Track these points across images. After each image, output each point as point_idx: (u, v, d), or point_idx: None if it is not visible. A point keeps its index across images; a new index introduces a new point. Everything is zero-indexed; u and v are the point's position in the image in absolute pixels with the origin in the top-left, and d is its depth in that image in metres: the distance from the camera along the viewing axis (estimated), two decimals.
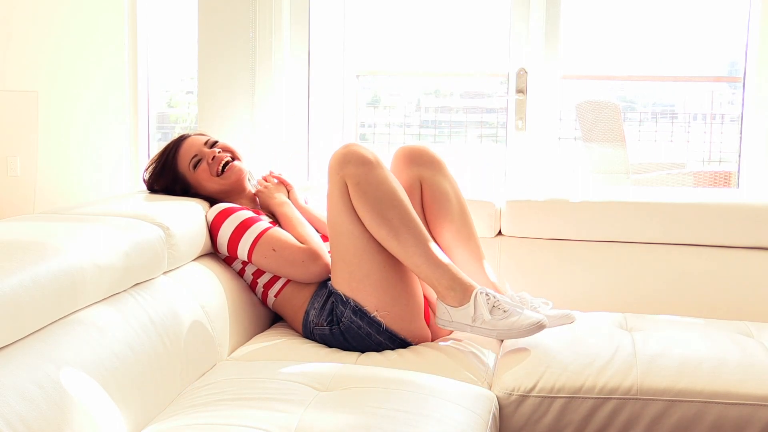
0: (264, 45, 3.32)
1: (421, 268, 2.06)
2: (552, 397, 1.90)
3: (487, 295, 2.02)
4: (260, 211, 2.41)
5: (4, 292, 1.39)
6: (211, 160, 2.39)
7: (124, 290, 1.83)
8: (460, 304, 2.03)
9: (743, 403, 1.84)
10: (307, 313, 2.20)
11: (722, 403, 1.84)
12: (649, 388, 1.87)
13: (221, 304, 2.16)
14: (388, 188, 2.09)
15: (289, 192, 2.51)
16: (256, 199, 2.49)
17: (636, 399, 1.87)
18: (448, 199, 2.31)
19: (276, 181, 2.53)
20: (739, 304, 2.51)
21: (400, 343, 2.14)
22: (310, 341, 2.20)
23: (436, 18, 3.81)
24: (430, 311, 2.27)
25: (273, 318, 2.43)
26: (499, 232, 2.69)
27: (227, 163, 2.40)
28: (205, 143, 2.43)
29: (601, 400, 1.88)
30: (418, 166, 2.32)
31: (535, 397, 1.90)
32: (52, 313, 1.54)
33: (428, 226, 2.33)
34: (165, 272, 2.03)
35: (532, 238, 2.66)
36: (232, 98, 3.35)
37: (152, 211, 2.06)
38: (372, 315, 2.10)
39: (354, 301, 2.11)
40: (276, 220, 2.40)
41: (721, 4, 3.68)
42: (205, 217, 2.29)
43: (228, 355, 2.13)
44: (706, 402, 1.85)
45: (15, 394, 1.35)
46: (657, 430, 1.86)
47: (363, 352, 2.13)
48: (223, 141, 2.48)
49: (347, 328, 2.12)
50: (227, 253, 2.28)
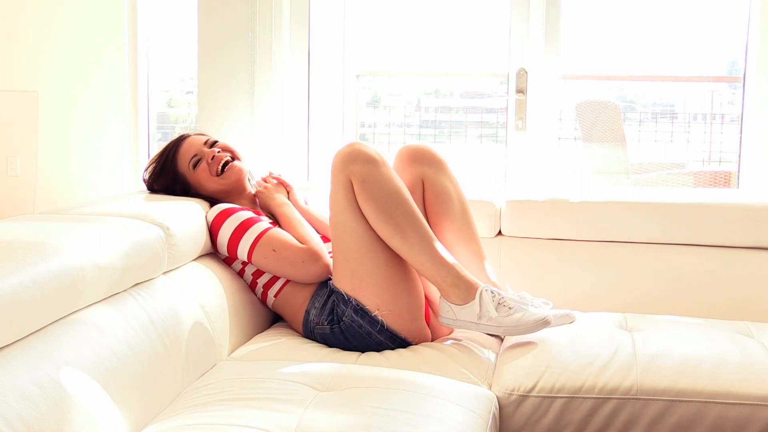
0: (264, 45, 3.32)
1: (426, 266, 2.07)
2: (552, 397, 1.90)
3: (491, 292, 2.04)
4: (260, 212, 2.41)
5: (4, 292, 1.39)
6: (210, 160, 2.39)
7: (124, 290, 1.83)
8: (465, 302, 2.05)
9: (743, 403, 1.84)
10: (308, 313, 2.21)
11: (722, 403, 1.84)
12: (649, 388, 1.87)
13: (221, 304, 2.16)
14: (393, 186, 2.10)
15: (288, 193, 2.51)
16: (256, 200, 2.49)
17: (636, 399, 1.87)
18: (450, 199, 2.31)
19: (276, 181, 2.53)
20: (739, 304, 2.51)
21: (401, 343, 2.14)
22: (310, 341, 2.20)
23: (436, 18, 3.81)
24: (431, 311, 2.27)
25: (273, 318, 2.43)
26: (499, 232, 2.70)
27: (227, 162, 2.41)
28: (205, 143, 2.43)
29: (601, 400, 1.88)
30: (421, 165, 2.32)
31: (535, 397, 1.90)
32: (52, 313, 1.54)
33: (430, 225, 2.33)
34: (165, 272, 2.03)
35: (532, 238, 2.66)
36: (232, 98, 3.35)
37: (152, 211, 2.06)
38: (373, 314, 2.10)
39: (355, 300, 2.11)
40: (276, 221, 2.40)
41: (721, 4, 3.68)
42: (205, 217, 2.29)
43: (228, 355, 2.13)
44: (706, 402, 1.85)
45: (15, 394, 1.35)
46: (657, 430, 1.86)
47: (363, 351, 2.13)
48: (223, 141, 2.48)
49: (348, 327, 2.12)
50: (227, 254, 2.28)
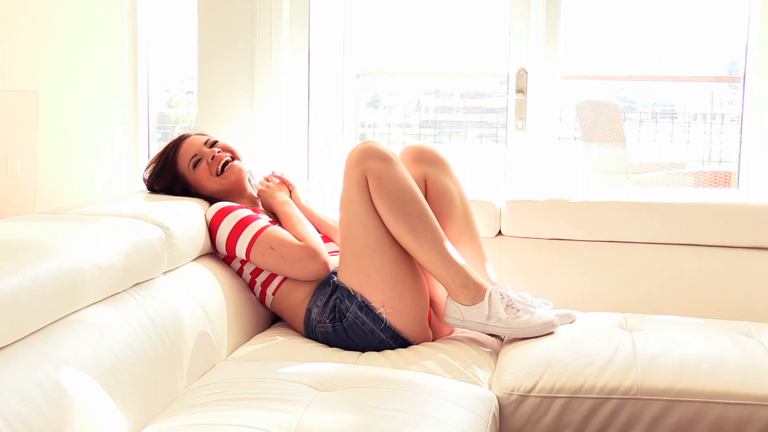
0: (264, 45, 3.32)
1: (436, 265, 2.09)
2: (552, 397, 1.90)
3: (500, 294, 2.08)
4: (260, 210, 2.41)
5: (4, 292, 1.39)
6: (210, 160, 2.39)
7: (124, 290, 1.83)
8: (473, 303, 2.07)
9: (743, 403, 1.84)
10: (309, 311, 2.21)
11: (722, 403, 1.84)
12: (649, 388, 1.87)
13: (221, 304, 2.16)
14: (407, 185, 2.13)
15: (290, 192, 2.51)
16: (257, 199, 2.50)
17: (636, 399, 1.87)
18: (452, 198, 2.32)
19: (278, 181, 2.53)
20: (739, 304, 2.51)
21: (402, 343, 2.15)
22: (310, 341, 2.20)
23: (436, 18, 3.81)
24: (432, 312, 2.27)
25: (273, 318, 2.43)
26: (499, 232, 2.70)
27: (227, 162, 2.41)
28: (205, 143, 2.43)
29: (601, 400, 1.88)
30: (424, 165, 2.33)
31: (535, 397, 1.90)
32: (52, 313, 1.54)
33: None
34: (165, 272, 2.03)
35: (532, 238, 2.66)
36: (232, 98, 3.35)
37: (152, 211, 2.06)
38: (378, 311, 2.11)
39: (361, 296, 2.12)
40: (277, 220, 2.40)
41: (721, 4, 3.68)
42: (204, 215, 2.29)
43: (228, 355, 2.13)
44: (706, 402, 1.85)
45: (15, 394, 1.35)
46: (657, 430, 1.86)
47: (364, 350, 2.14)
48: (223, 141, 2.49)
49: (351, 324, 2.12)
50: (226, 252, 2.28)
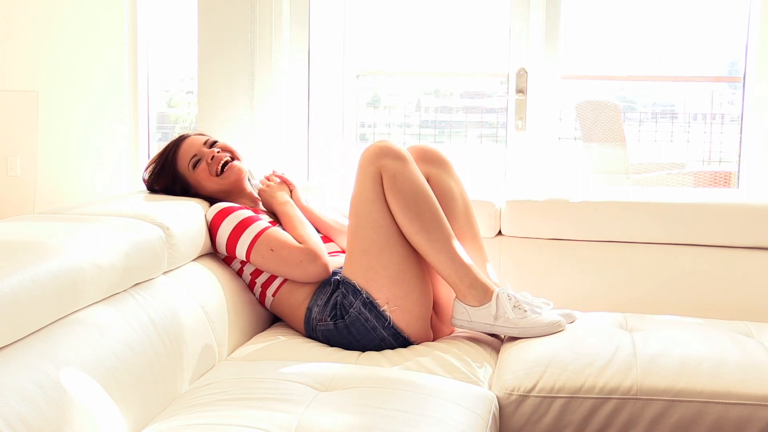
0: (264, 45, 3.32)
1: (446, 265, 2.11)
2: (552, 397, 1.90)
3: (507, 295, 2.10)
4: (260, 211, 2.41)
5: (4, 292, 1.39)
6: (210, 160, 2.39)
7: (124, 290, 1.83)
8: (481, 304, 2.10)
9: (743, 403, 1.84)
10: (310, 310, 2.21)
11: (722, 403, 1.84)
12: (649, 388, 1.87)
13: (221, 304, 2.16)
14: (421, 185, 2.15)
15: (291, 192, 2.51)
16: (257, 199, 2.50)
17: (636, 399, 1.87)
18: (454, 198, 2.33)
19: (279, 180, 2.53)
20: (739, 304, 2.51)
21: (403, 342, 2.15)
22: (310, 341, 2.20)
23: (436, 18, 3.81)
24: (433, 313, 2.28)
25: (273, 318, 2.43)
26: (499, 232, 2.70)
27: (226, 163, 2.41)
28: (205, 143, 2.43)
29: (601, 400, 1.88)
30: (427, 164, 2.33)
31: (535, 397, 1.90)
32: (52, 313, 1.54)
33: None
34: (165, 272, 2.03)
35: (532, 238, 2.66)
36: (232, 98, 3.35)
37: (152, 211, 2.06)
38: (381, 309, 2.12)
39: (366, 292, 2.13)
40: (277, 220, 2.40)
41: (721, 4, 3.68)
42: (205, 216, 2.29)
43: (228, 355, 2.13)
44: (706, 402, 1.85)
45: (15, 394, 1.35)
46: (657, 430, 1.86)
47: (365, 348, 2.14)
48: (223, 141, 2.49)
49: (354, 321, 2.13)
50: (226, 253, 2.28)
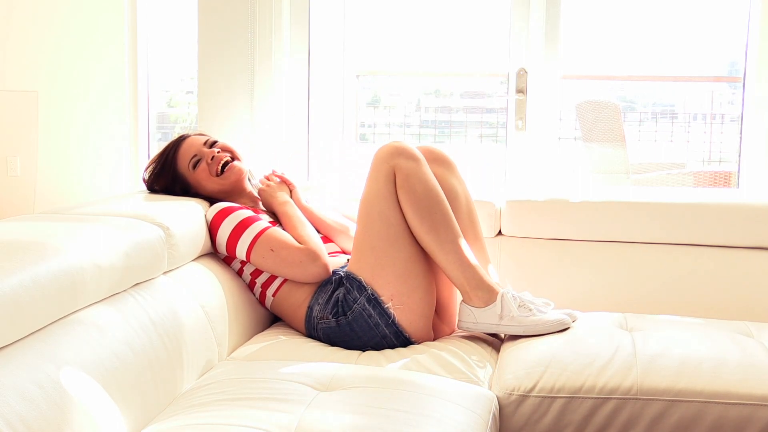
0: (264, 45, 3.32)
1: (454, 266, 2.13)
2: (552, 397, 1.90)
3: (512, 295, 2.13)
4: (260, 211, 2.41)
5: (4, 292, 1.39)
6: (210, 160, 2.39)
7: (124, 290, 1.83)
8: (486, 305, 2.12)
9: (743, 403, 1.84)
10: (311, 309, 2.21)
11: (722, 403, 1.84)
12: (649, 388, 1.87)
13: (221, 304, 2.16)
14: (433, 186, 2.18)
15: (291, 191, 2.51)
16: (257, 199, 2.49)
17: (636, 399, 1.87)
18: (457, 198, 2.34)
19: (278, 180, 2.53)
20: (739, 304, 2.51)
21: (404, 341, 2.15)
22: (311, 340, 2.20)
23: (436, 18, 3.81)
24: (434, 314, 2.28)
25: (273, 317, 2.43)
26: (499, 232, 2.70)
27: (227, 163, 2.41)
28: (205, 143, 2.43)
29: (601, 400, 1.88)
30: (432, 164, 2.34)
31: (535, 397, 1.90)
32: (52, 313, 1.54)
33: None
34: (165, 272, 2.03)
35: (532, 238, 2.66)
36: (232, 98, 3.35)
37: (152, 211, 2.06)
38: (386, 306, 2.13)
39: (372, 288, 2.14)
40: (277, 220, 2.40)
41: (721, 4, 3.68)
42: (205, 216, 2.29)
43: (228, 355, 2.13)
44: (706, 402, 1.85)
45: (15, 394, 1.35)
46: (657, 430, 1.86)
47: (365, 346, 2.15)
48: (223, 141, 2.49)
49: (357, 317, 2.13)
50: (226, 253, 2.28)
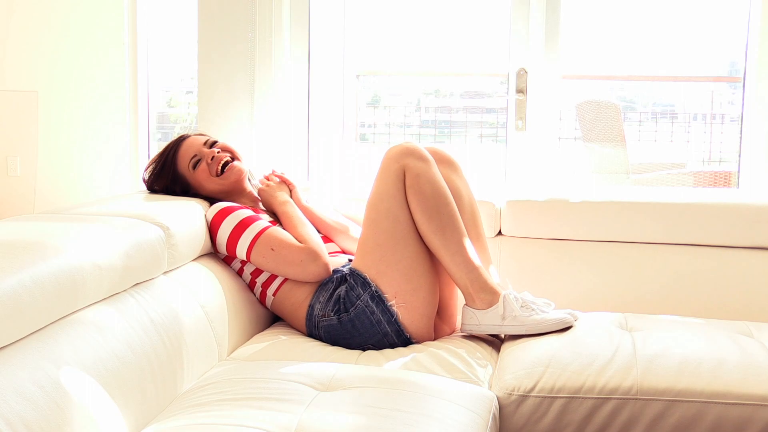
0: (264, 45, 3.32)
1: (459, 267, 2.15)
2: (552, 397, 1.90)
3: (514, 296, 2.14)
4: (260, 211, 2.41)
5: (4, 292, 1.39)
6: (210, 160, 2.39)
7: (124, 290, 1.83)
8: (489, 307, 2.14)
9: (743, 403, 1.84)
10: (312, 308, 2.21)
11: (722, 403, 1.84)
12: (649, 388, 1.87)
13: (221, 304, 2.16)
14: (441, 187, 2.20)
15: (291, 191, 2.51)
16: (257, 199, 2.50)
17: (636, 399, 1.87)
18: (461, 199, 2.35)
19: (278, 180, 2.53)
20: (739, 304, 2.51)
21: (404, 341, 2.16)
22: (311, 340, 2.20)
23: (436, 18, 3.81)
24: (436, 316, 2.29)
25: (273, 317, 2.43)
26: (499, 232, 2.70)
27: (227, 163, 2.41)
28: (205, 143, 2.43)
29: (601, 400, 1.88)
30: (438, 165, 2.34)
31: (535, 397, 1.90)
32: (52, 313, 1.54)
33: None
34: (165, 272, 2.03)
35: (532, 238, 2.66)
36: (232, 98, 3.35)
37: (152, 211, 2.06)
38: (389, 304, 2.14)
39: (376, 285, 2.15)
40: (277, 220, 2.40)
41: (721, 4, 3.68)
42: (205, 216, 2.29)
43: (228, 355, 2.13)
44: (706, 402, 1.85)
45: (15, 394, 1.35)
46: (657, 430, 1.86)
47: (366, 344, 2.15)
48: (223, 141, 2.49)
49: (359, 313, 2.14)
50: (226, 252, 2.28)
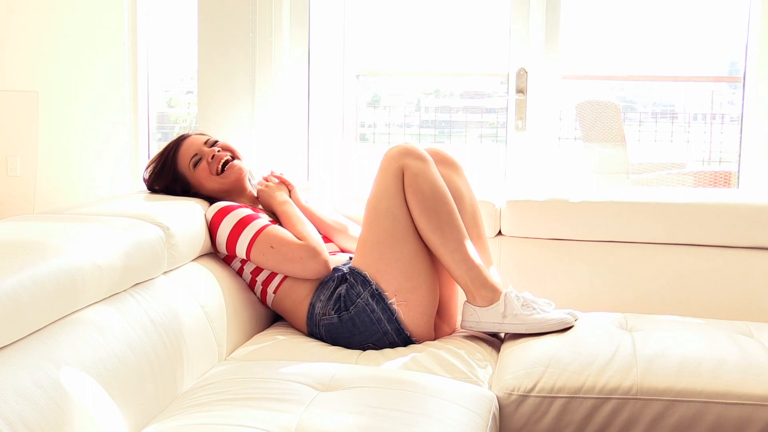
0: (264, 45, 3.32)
1: (459, 265, 2.15)
2: (552, 397, 1.90)
3: (515, 295, 2.15)
4: (260, 210, 2.41)
5: (4, 292, 1.39)
6: (210, 159, 2.40)
7: (124, 290, 1.83)
8: (490, 304, 2.14)
9: (743, 403, 1.84)
10: (312, 306, 2.21)
11: (722, 403, 1.84)
12: (649, 388, 1.87)
13: (221, 304, 2.16)
14: (440, 186, 2.20)
15: (290, 192, 2.51)
16: (257, 199, 2.50)
17: (636, 399, 1.87)
18: (462, 199, 2.35)
19: (277, 180, 2.53)
20: (739, 304, 2.51)
21: (405, 340, 2.16)
22: (311, 340, 2.20)
23: (436, 18, 3.81)
24: (436, 316, 2.29)
25: (273, 317, 2.43)
26: (499, 232, 2.70)
27: (227, 162, 2.41)
28: (205, 143, 2.44)
29: (601, 400, 1.88)
30: (438, 165, 2.35)
31: (535, 397, 1.90)
32: (52, 313, 1.54)
33: None
34: (165, 272, 2.03)
35: (532, 238, 2.66)
36: (232, 98, 3.35)
37: (152, 211, 2.06)
38: (389, 302, 2.14)
39: (376, 284, 2.15)
40: (277, 219, 2.40)
41: (721, 4, 3.68)
42: (205, 215, 2.29)
43: (228, 355, 2.13)
44: (706, 402, 1.85)
45: (15, 394, 1.35)
46: (657, 430, 1.86)
47: (366, 343, 2.15)
48: (223, 141, 2.49)
49: (360, 312, 2.14)
50: (226, 252, 2.29)
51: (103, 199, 2.29)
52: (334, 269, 2.27)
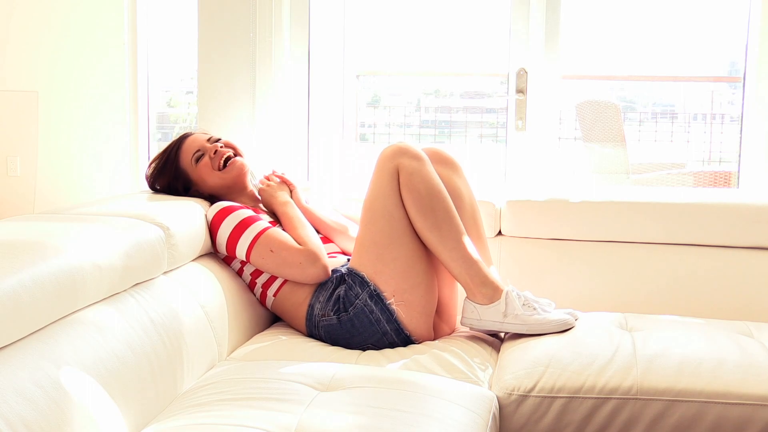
0: (264, 45, 3.32)
1: (457, 263, 2.15)
2: (552, 397, 1.90)
3: (516, 294, 2.14)
4: (261, 210, 2.41)
5: (4, 292, 1.39)
6: (213, 155, 2.40)
7: (124, 290, 1.83)
8: (491, 302, 2.13)
9: (743, 403, 1.84)
10: (311, 307, 2.21)
11: (722, 403, 1.84)
12: (649, 388, 1.87)
13: (221, 304, 2.16)
14: (436, 184, 2.20)
15: (291, 192, 2.51)
16: (258, 199, 2.50)
17: (636, 399, 1.87)
18: (462, 199, 2.34)
19: (279, 180, 2.53)
20: (739, 304, 2.51)
21: (404, 340, 2.16)
22: (311, 340, 2.20)
23: (436, 18, 3.81)
24: (435, 316, 2.28)
25: (273, 317, 2.43)
26: (499, 232, 2.70)
27: (229, 157, 2.41)
28: (208, 140, 2.45)
29: (601, 400, 1.88)
30: (438, 165, 2.35)
31: (535, 397, 1.90)
32: (52, 313, 1.54)
33: None
34: (165, 272, 2.03)
35: (532, 238, 2.66)
36: (232, 98, 3.35)
37: (152, 211, 2.06)
38: (388, 302, 2.14)
39: (374, 284, 2.15)
40: (277, 220, 2.40)
41: (721, 4, 3.68)
42: (205, 215, 2.29)
43: (228, 355, 2.13)
44: (706, 402, 1.85)
45: (15, 394, 1.35)
46: (657, 430, 1.86)
47: (366, 344, 2.15)
48: (226, 139, 2.50)
49: (358, 312, 2.14)
50: (226, 252, 2.28)
51: (103, 199, 2.29)
52: (332, 271, 2.27)
